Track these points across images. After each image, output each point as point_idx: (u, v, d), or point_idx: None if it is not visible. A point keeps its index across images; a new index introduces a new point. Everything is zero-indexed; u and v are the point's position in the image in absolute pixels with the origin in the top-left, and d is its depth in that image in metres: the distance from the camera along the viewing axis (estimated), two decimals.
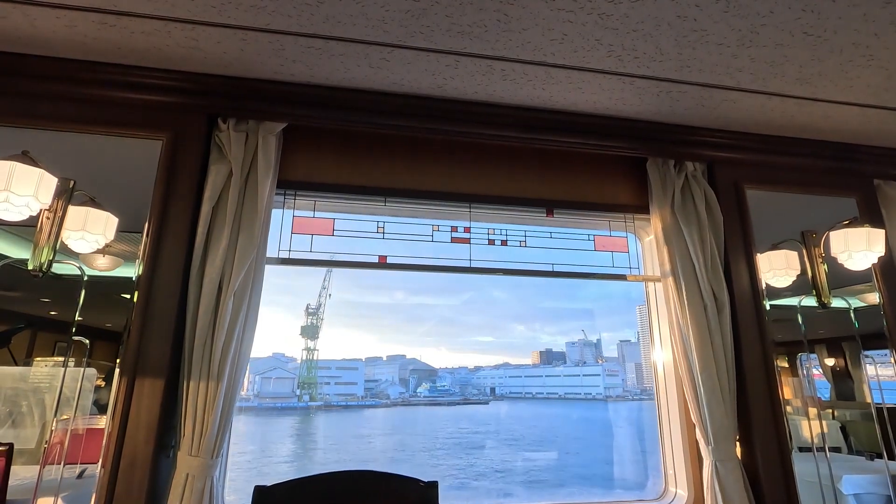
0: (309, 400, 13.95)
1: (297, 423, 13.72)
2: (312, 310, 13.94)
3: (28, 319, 1.77)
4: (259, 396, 13.69)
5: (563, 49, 1.73)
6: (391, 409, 15.17)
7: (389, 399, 15.29)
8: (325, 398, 14.30)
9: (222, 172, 1.86)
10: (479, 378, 17.24)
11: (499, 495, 7.61)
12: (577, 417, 14.80)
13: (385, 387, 15.64)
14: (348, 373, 15.08)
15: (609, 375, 15.33)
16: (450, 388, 16.53)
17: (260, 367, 13.95)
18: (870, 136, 2.33)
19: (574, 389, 15.77)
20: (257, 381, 13.90)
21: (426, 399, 16.02)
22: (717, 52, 1.74)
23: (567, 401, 15.76)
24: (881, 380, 2.20)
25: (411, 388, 15.97)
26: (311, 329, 14.04)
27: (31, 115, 1.81)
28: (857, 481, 2.06)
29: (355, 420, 14.50)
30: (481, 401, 16.51)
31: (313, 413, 13.89)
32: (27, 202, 1.58)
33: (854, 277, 2.27)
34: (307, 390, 14.02)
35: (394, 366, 16.21)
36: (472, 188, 2.21)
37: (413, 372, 16.43)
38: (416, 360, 16.85)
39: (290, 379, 14.07)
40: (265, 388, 13.89)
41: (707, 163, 2.31)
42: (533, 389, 16.68)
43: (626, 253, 2.40)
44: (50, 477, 1.59)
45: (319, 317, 13.96)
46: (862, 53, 1.75)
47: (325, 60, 1.81)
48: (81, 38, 1.70)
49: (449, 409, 15.96)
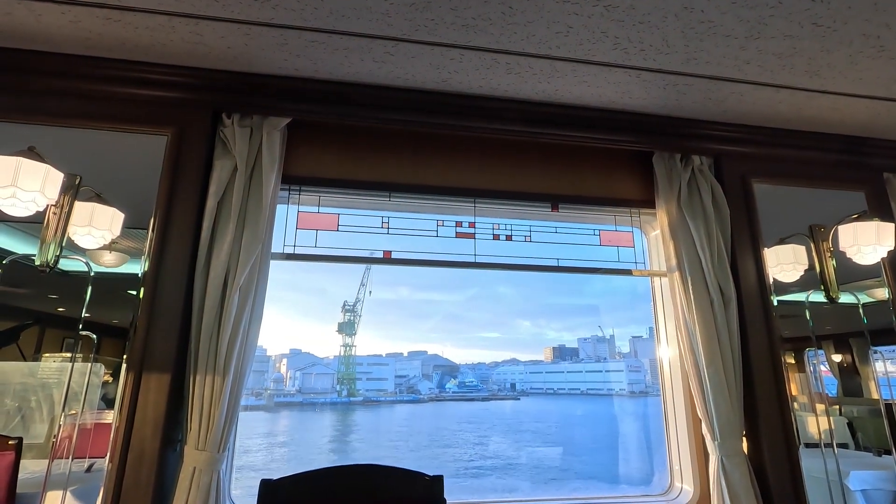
0: (347, 395, 14.19)
1: (347, 418, 14.01)
2: (349, 306, 14.11)
3: (36, 316, 1.78)
4: (302, 392, 13.96)
5: (569, 42, 1.72)
6: (427, 405, 15.38)
7: (422, 394, 15.46)
8: (364, 394, 14.57)
9: (227, 168, 1.86)
10: (498, 374, 17.32)
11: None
12: (615, 413, 14.69)
13: (415, 382, 15.83)
14: (378, 369, 15.36)
15: (632, 371, 15.30)
16: (477, 384, 16.65)
17: (298, 364, 14.22)
18: (879, 129, 2.30)
19: (596, 385, 15.74)
20: (298, 376, 14.18)
21: (457, 395, 16.16)
22: (724, 43, 1.72)
23: (590, 396, 15.73)
24: (890, 376, 2.18)
25: (440, 384, 16.13)
26: (349, 325, 14.20)
27: (36, 112, 1.81)
28: (864, 477, 2.04)
29: (395, 415, 14.73)
30: (512, 396, 16.60)
31: (353, 408, 14.21)
32: (34, 198, 1.59)
33: (861, 272, 2.25)
34: (346, 386, 14.27)
35: (416, 362, 16.41)
36: (476, 183, 2.20)
37: (436, 368, 16.60)
38: (438, 357, 17.06)
39: (329, 375, 14.37)
40: (306, 383, 14.17)
41: (714, 156, 2.28)
42: (554, 385, 16.71)
43: (632, 248, 2.38)
44: (59, 471, 1.60)
45: (357, 313, 14.11)
46: (872, 45, 1.72)
47: (329, 55, 1.80)
48: (86, 33, 1.71)
49: (484, 405, 16.11)
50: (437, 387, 16.04)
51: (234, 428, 1.73)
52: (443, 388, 16.12)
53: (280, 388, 14.10)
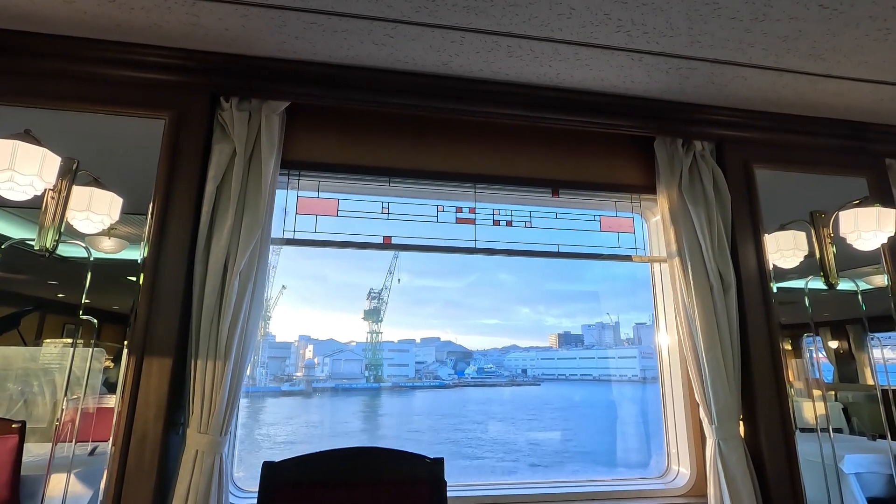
0: (374, 381, 14.48)
1: (391, 401, 14.35)
2: (375, 293, 14.24)
3: (36, 302, 1.78)
4: (332, 377, 14.29)
5: (571, 24, 1.69)
6: (452, 391, 15.58)
7: (445, 380, 15.72)
8: (388, 379, 14.86)
9: (226, 152, 1.84)
10: (510, 360, 17.46)
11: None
12: (641, 397, 14.77)
13: (434, 368, 16.00)
14: (399, 355, 15.59)
15: (645, 357, 15.37)
16: (496, 370, 16.80)
17: (323, 350, 14.56)
18: (882, 115, 2.29)
19: (609, 371, 15.83)
20: (328, 362, 14.48)
21: (477, 380, 16.34)
22: (729, 26, 1.70)
23: (603, 382, 15.79)
24: (887, 362, 2.20)
25: (457, 369, 16.30)
26: (374, 312, 14.34)
27: (31, 94, 1.79)
28: (858, 461, 2.07)
29: (420, 400, 14.96)
30: (531, 382, 16.75)
31: (382, 393, 14.49)
32: (31, 181, 1.58)
33: (860, 259, 2.25)
34: (373, 371, 14.54)
35: (430, 348, 16.55)
36: (477, 168, 2.18)
37: (450, 354, 16.75)
38: (451, 343, 17.20)
39: (357, 361, 14.63)
40: (336, 368, 14.47)
41: (716, 142, 2.27)
42: (566, 371, 16.84)
43: (632, 234, 2.38)
44: (62, 454, 1.62)
45: (383, 300, 14.26)
46: (878, 27, 1.70)
47: (328, 37, 1.77)
48: (81, 14, 1.68)
49: (506, 390, 16.24)
50: (455, 372, 16.25)
51: (235, 411, 1.74)
52: (461, 374, 16.30)
53: (312, 374, 14.44)
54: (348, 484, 1.49)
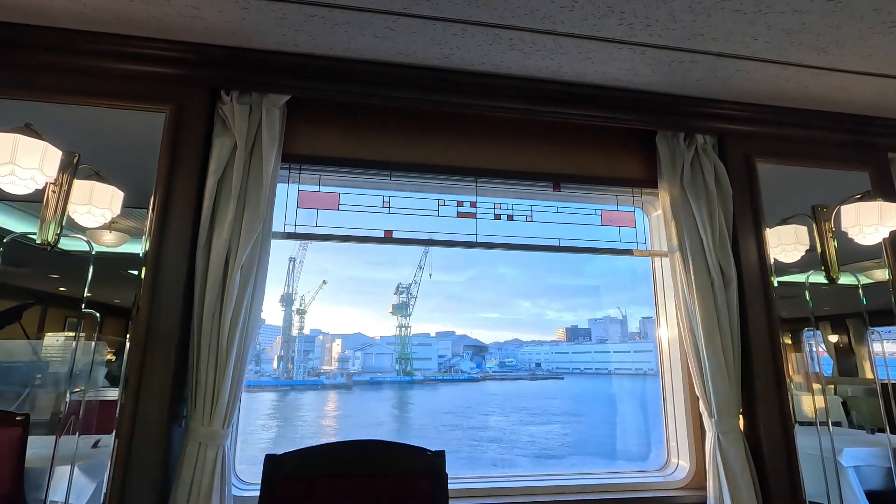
0: (404, 374, 14.81)
1: (424, 395, 14.66)
2: (403, 288, 14.39)
3: (38, 295, 1.79)
4: (365, 371, 14.67)
5: (573, 17, 1.68)
6: (480, 384, 15.82)
7: (468, 373, 16.01)
8: (420, 373, 15.23)
9: (227, 146, 1.84)
10: (524, 353, 17.56)
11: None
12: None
13: (456, 362, 16.23)
14: (421, 349, 15.88)
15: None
16: (516, 363, 17.00)
17: (351, 344, 14.99)
18: (886, 108, 2.28)
19: (625, 365, 15.89)
20: (360, 356, 14.87)
21: (500, 374, 16.54)
22: (732, 18, 1.68)
23: (620, 376, 15.86)
24: (888, 356, 2.20)
25: (476, 363, 16.40)
26: (402, 307, 14.64)
27: (31, 87, 1.78)
28: (857, 454, 2.08)
29: (452, 393, 15.17)
30: (554, 376, 16.94)
31: (414, 387, 14.86)
32: (32, 175, 1.58)
33: (861, 254, 2.25)
34: (403, 365, 14.87)
35: (446, 342, 16.73)
36: (478, 162, 2.18)
37: (466, 348, 16.96)
38: (467, 337, 17.48)
39: (388, 355, 15.02)
40: (367, 362, 14.84)
41: (718, 136, 2.26)
42: (581, 365, 16.92)
43: (633, 228, 2.38)
44: (66, 447, 1.62)
45: (412, 295, 14.48)
46: (883, 20, 1.69)
47: (329, 30, 1.76)
48: (80, 6, 1.67)
49: (532, 384, 16.45)
50: (476, 366, 16.38)
51: (237, 404, 1.75)
52: (479, 367, 16.43)
53: (346, 368, 14.79)
54: (350, 477, 1.50)
